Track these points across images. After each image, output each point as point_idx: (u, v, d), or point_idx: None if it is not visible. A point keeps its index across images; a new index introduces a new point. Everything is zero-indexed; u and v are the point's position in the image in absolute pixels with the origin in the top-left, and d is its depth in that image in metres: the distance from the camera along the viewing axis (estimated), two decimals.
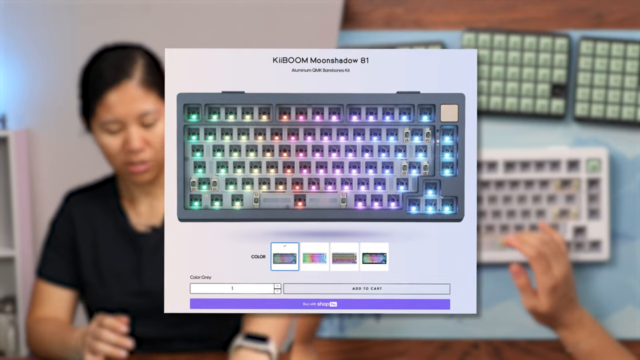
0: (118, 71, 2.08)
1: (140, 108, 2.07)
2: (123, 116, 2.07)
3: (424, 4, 1.76)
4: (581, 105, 1.73)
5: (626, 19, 1.73)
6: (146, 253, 2.22)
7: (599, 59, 1.72)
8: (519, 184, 1.74)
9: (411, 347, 1.75)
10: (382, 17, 1.77)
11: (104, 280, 2.23)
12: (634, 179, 1.73)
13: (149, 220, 2.24)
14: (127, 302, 2.21)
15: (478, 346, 1.74)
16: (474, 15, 1.75)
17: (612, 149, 1.73)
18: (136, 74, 2.08)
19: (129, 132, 2.08)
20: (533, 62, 1.73)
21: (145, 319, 2.21)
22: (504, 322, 1.74)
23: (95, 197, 2.29)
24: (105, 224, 2.26)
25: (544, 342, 1.73)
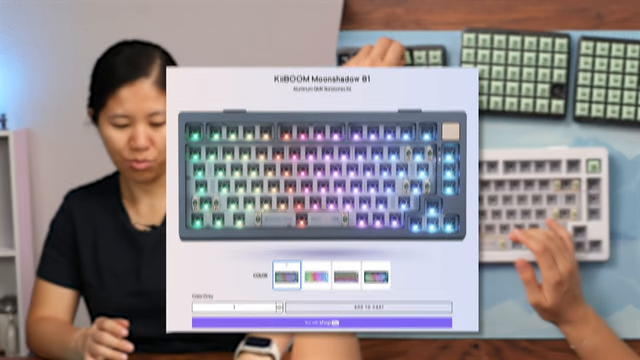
0: (136, 67, 2.07)
1: (151, 107, 2.06)
2: (133, 112, 2.06)
3: (424, 4, 1.76)
4: (581, 105, 1.72)
5: (626, 19, 1.72)
6: (146, 252, 2.22)
7: (599, 59, 1.72)
8: (519, 184, 1.74)
9: (411, 347, 1.76)
10: (382, 17, 1.76)
11: (104, 280, 2.23)
12: (634, 179, 1.73)
13: (149, 219, 2.24)
14: (126, 302, 2.21)
15: (478, 346, 1.75)
16: (474, 15, 1.75)
17: (612, 149, 1.73)
18: (153, 73, 2.07)
19: (136, 129, 2.07)
20: (533, 62, 1.73)
21: (144, 318, 2.21)
22: (504, 322, 1.75)
23: (96, 196, 2.28)
24: (106, 223, 2.26)
25: (544, 342, 1.74)
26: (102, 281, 2.23)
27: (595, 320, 1.57)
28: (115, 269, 2.22)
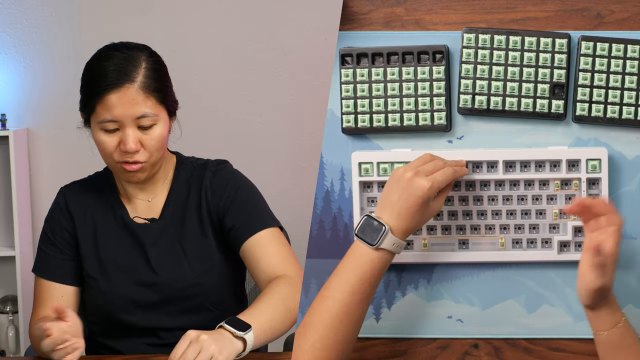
0: (121, 73, 2.09)
1: (138, 111, 2.08)
2: (121, 117, 2.08)
3: (424, 4, 1.76)
4: (581, 105, 1.72)
5: (626, 19, 1.72)
6: (147, 244, 2.24)
7: (599, 59, 1.72)
8: (519, 184, 1.74)
9: (411, 347, 1.76)
10: (382, 17, 1.76)
11: (108, 272, 2.25)
12: (634, 179, 1.73)
13: (147, 214, 2.27)
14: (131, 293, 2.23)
15: (478, 346, 1.75)
16: (474, 15, 1.75)
17: (612, 149, 1.73)
18: (138, 78, 2.09)
19: (125, 133, 2.09)
20: (533, 62, 1.73)
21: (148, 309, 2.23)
22: (504, 322, 1.75)
23: (92, 191, 2.30)
24: (105, 217, 2.27)
25: (544, 342, 1.74)
26: (106, 274, 2.24)
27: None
28: (119, 261, 2.25)
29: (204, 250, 2.25)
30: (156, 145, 2.13)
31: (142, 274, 2.24)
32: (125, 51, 2.14)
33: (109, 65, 2.11)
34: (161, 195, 2.27)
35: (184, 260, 2.23)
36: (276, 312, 2.02)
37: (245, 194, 2.26)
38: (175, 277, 2.23)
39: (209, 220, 2.25)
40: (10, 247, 4.12)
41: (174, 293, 2.23)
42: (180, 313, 2.25)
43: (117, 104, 2.08)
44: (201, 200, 2.25)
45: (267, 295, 2.07)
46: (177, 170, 2.29)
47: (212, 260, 2.25)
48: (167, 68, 2.20)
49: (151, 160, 2.15)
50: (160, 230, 2.26)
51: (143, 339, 2.25)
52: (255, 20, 4.17)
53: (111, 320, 2.25)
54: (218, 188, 2.25)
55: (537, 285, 1.74)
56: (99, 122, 2.12)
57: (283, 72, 4.18)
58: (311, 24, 4.11)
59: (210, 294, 2.25)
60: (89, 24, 4.19)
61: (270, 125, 4.22)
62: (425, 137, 1.76)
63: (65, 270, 2.27)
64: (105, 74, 2.10)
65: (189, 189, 2.27)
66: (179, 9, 4.17)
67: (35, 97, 4.22)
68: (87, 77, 2.15)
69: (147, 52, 2.16)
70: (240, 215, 2.22)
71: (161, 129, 2.14)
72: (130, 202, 2.28)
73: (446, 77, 1.75)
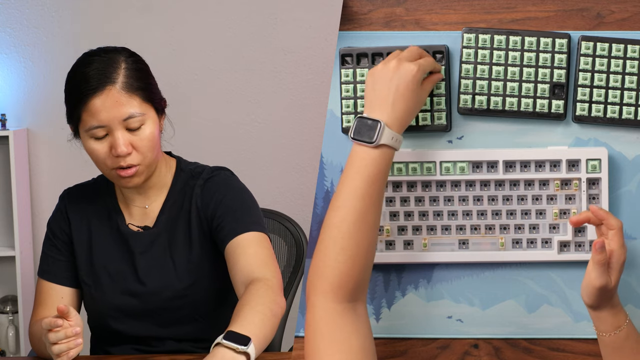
0: (101, 76, 2.07)
1: (124, 112, 2.07)
2: (108, 121, 2.07)
3: (424, 4, 1.76)
4: (581, 105, 1.72)
5: (626, 19, 1.72)
6: (137, 253, 2.22)
7: (599, 59, 1.72)
8: (519, 184, 1.74)
9: (411, 347, 1.76)
10: (382, 17, 1.76)
11: (99, 279, 2.24)
12: (634, 179, 1.73)
13: (141, 221, 2.25)
14: (120, 302, 2.22)
15: (478, 346, 1.75)
16: (474, 15, 1.75)
17: (612, 149, 1.73)
18: (119, 79, 2.08)
19: (114, 137, 2.08)
20: (533, 62, 1.73)
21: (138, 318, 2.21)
22: (504, 322, 1.75)
23: (92, 196, 2.30)
24: (101, 223, 2.27)
25: (544, 342, 1.74)
26: (98, 280, 2.24)
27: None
28: (109, 268, 2.24)
29: (192, 262, 2.21)
30: (148, 145, 2.11)
31: (129, 283, 2.23)
32: (103, 55, 2.12)
33: (89, 71, 2.09)
34: (157, 203, 2.25)
35: (172, 271, 2.21)
36: (265, 320, 1.95)
37: (234, 198, 2.21)
38: (162, 288, 2.20)
39: (200, 230, 2.21)
40: (10, 247, 4.12)
41: (159, 304, 2.20)
42: (169, 323, 2.23)
43: (101, 108, 2.07)
44: (191, 210, 2.22)
45: (251, 302, 1.99)
46: (175, 177, 2.27)
47: (202, 271, 2.22)
48: (148, 67, 2.18)
49: (145, 162, 2.13)
50: (152, 239, 2.24)
51: (135, 346, 2.24)
52: (255, 20, 4.17)
53: (103, 326, 2.24)
54: (207, 196, 2.22)
55: (537, 285, 1.74)
56: (87, 130, 2.10)
57: (283, 72, 4.18)
58: (311, 24, 4.11)
59: (199, 305, 2.22)
60: (89, 24, 4.19)
61: (270, 125, 4.22)
62: (425, 136, 1.76)
63: (65, 272, 2.27)
64: (87, 79, 2.08)
65: (184, 197, 2.24)
66: (178, 9, 4.17)
67: (35, 97, 4.22)
68: (69, 86, 2.14)
69: (125, 53, 2.15)
70: (226, 218, 2.17)
71: (151, 129, 2.11)
72: (127, 208, 2.27)
73: (446, 77, 1.75)
